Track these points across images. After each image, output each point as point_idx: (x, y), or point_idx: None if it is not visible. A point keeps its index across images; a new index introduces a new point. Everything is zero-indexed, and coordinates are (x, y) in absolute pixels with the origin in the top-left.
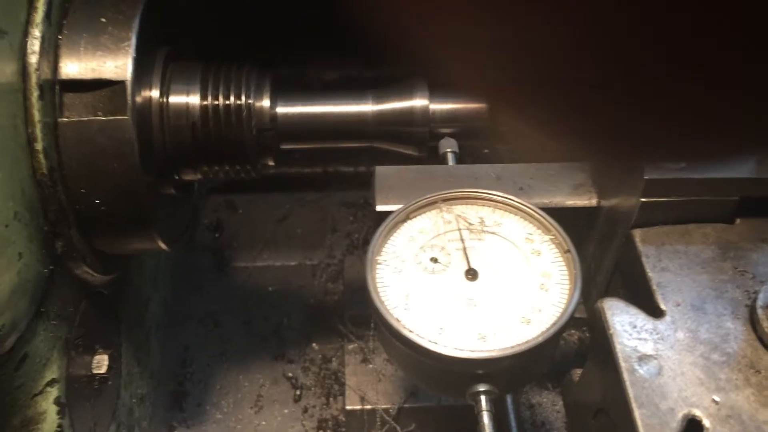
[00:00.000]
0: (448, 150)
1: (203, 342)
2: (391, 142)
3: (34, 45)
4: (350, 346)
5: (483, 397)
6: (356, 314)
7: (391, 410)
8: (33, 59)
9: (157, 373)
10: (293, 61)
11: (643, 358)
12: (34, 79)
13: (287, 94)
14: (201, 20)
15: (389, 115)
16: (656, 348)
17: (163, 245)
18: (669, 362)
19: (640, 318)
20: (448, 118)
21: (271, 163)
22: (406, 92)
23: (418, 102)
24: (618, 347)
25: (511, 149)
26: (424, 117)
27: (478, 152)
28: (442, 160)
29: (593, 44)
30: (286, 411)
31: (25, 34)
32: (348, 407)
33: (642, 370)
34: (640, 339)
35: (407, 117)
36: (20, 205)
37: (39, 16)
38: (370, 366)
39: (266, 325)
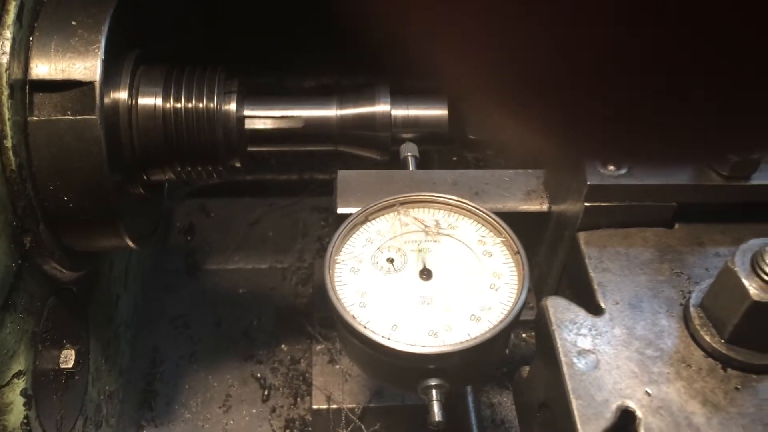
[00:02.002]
0: (409, 154)
1: (173, 342)
2: (355, 146)
3: (5, 46)
4: (318, 347)
5: (434, 391)
6: (325, 316)
7: (356, 410)
8: (3, 59)
9: (125, 372)
10: (270, 70)
11: (581, 353)
12: (4, 79)
13: (254, 98)
14: (179, 29)
15: (352, 120)
16: (594, 343)
17: (130, 243)
18: (606, 356)
19: (581, 315)
20: (409, 123)
21: (238, 165)
22: (369, 98)
23: (380, 108)
24: (559, 342)
25: (478, 156)
26: (386, 122)
27: (446, 159)
28: (403, 164)
29: (548, 45)
30: (254, 411)
31: None
32: (315, 407)
33: (580, 364)
34: (579, 334)
35: (369, 122)
36: None
37: (10, 18)
38: (337, 366)
39: (236, 326)
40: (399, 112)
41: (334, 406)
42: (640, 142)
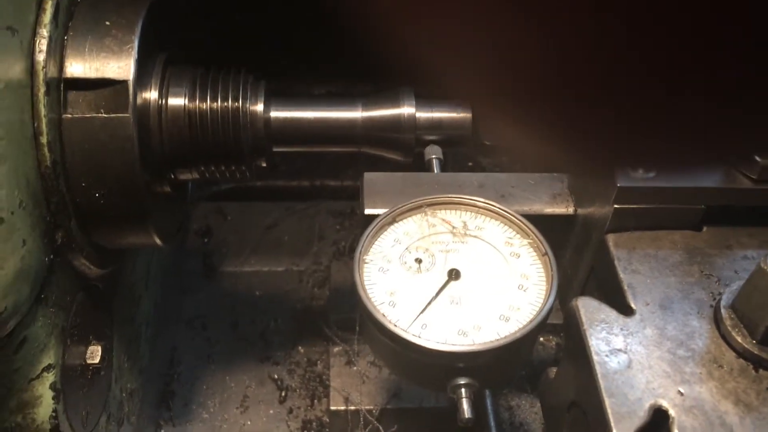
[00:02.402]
0: (433, 156)
1: (191, 343)
2: (379, 147)
3: (42, 44)
4: (335, 349)
5: (463, 390)
6: (342, 318)
7: (374, 411)
8: (41, 58)
9: (145, 371)
10: (282, 76)
11: (613, 352)
12: (41, 77)
13: (280, 99)
14: (193, 35)
15: (377, 122)
16: (626, 343)
17: (158, 240)
18: (638, 356)
19: (612, 315)
20: (433, 125)
21: (264, 165)
22: (394, 100)
23: (405, 110)
24: (591, 341)
25: (494, 162)
26: (410, 124)
27: (462, 165)
28: (427, 166)
29: (570, 53)
30: (271, 411)
31: (34, 33)
32: (332, 408)
33: (612, 363)
34: (611, 334)
35: (394, 124)
36: (25, 195)
37: (47, 17)
38: (354, 368)
39: (253, 328)
40: (423, 114)
41: (352, 408)
42: (661, 146)
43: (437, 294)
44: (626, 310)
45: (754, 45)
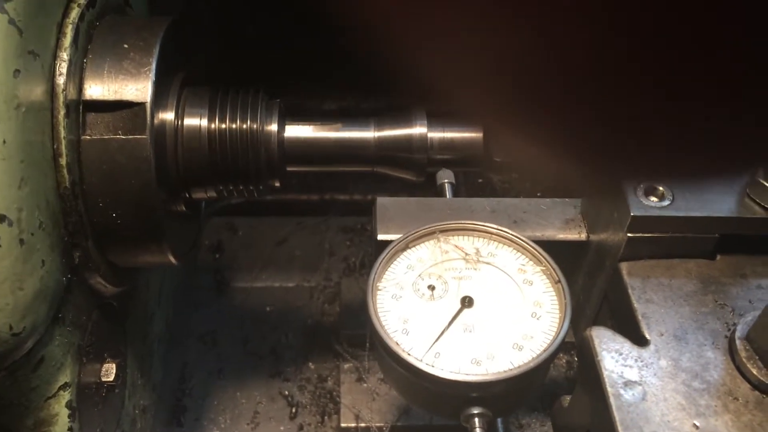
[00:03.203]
0: (446, 181)
1: (202, 359)
2: (392, 167)
3: (63, 67)
4: (346, 366)
5: (477, 420)
6: (352, 334)
7: (384, 428)
8: (61, 80)
9: (158, 387)
10: (292, 93)
11: (628, 384)
12: (61, 99)
13: (294, 119)
14: (202, 54)
15: (389, 142)
16: (641, 374)
17: (172, 259)
18: (652, 388)
19: (626, 346)
20: (445, 146)
21: (277, 184)
22: (406, 120)
23: (417, 130)
24: (605, 373)
25: (504, 179)
26: (422, 144)
27: (472, 181)
28: (439, 190)
29: (575, 66)
30: (282, 428)
31: (54, 57)
32: (343, 425)
33: (627, 395)
34: (625, 366)
35: (406, 144)
36: (45, 216)
37: (67, 40)
38: (365, 385)
39: (264, 344)
40: (435, 135)
41: (363, 425)
42: (672, 158)
43: (450, 322)
44: (640, 341)
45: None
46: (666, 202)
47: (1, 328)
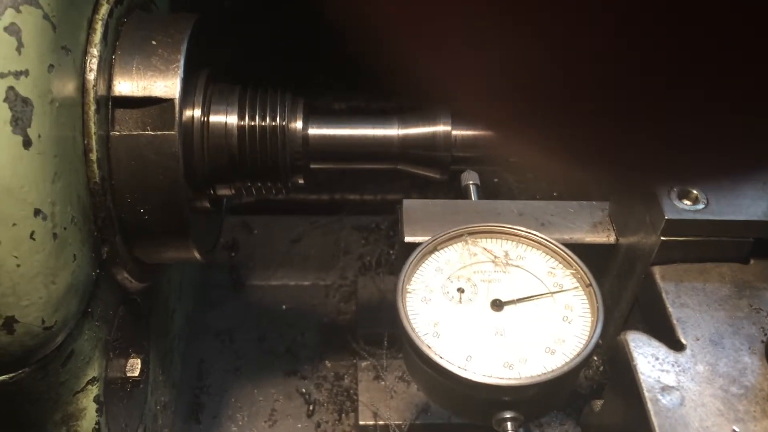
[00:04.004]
0: (470, 182)
1: (219, 356)
2: (415, 165)
3: (93, 63)
4: (363, 364)
5: (509, 424)
6: (369, 333)
7: (403, 426)
8: (91, 76)
9: (178, 384)
10: (301, 92)
11: (665, 389)
12: (92, 95)
13: (318, 117)
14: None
15: (413, 140)
16: (678, 380)
17: (197, 255)
18: (690, 393)
19: (662, 351)
20: (469, 144)
21: (301, 181)
22: (430, 118)
23: (441, 128)
24: (642, 378)
25: (520, 179)
26: (446, 142)
27: (487, 181)
28: (464, 192)
29: (599, 72)
30: (299, 425)
31: (85, 53)
32: (361, 422)
33: (665, 401)
34: (662, 371)
35: (430, 141)
36: (76, 211)
37: (97, 36)
38: (382, 383)
39: (280, 342)
40: (459, 132)
41: (381, 422)
42: (702, 159)
43: (481, 325)
44: (676, 345)
45: None
46: (700, 206)
47: (33, 322)
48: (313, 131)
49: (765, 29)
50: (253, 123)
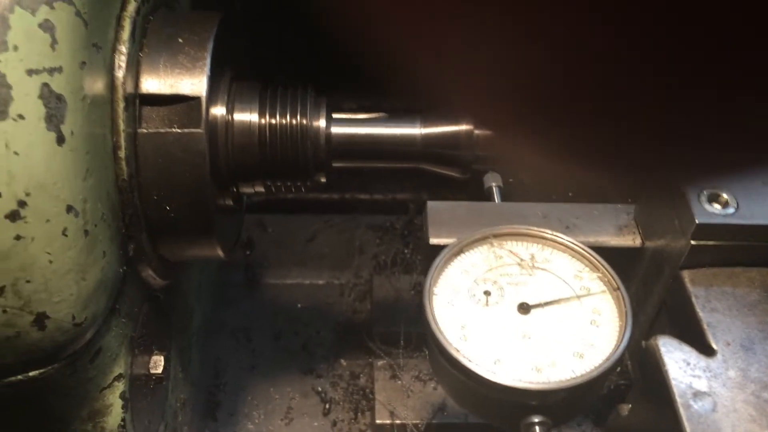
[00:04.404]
0: (493, 184)
1: (235, 354)
2: (437, 164)
3: (122, 60)
4: (379, 363)
5: (537, 428)
6: (385, 332)
7: (420, 425)
8: (120, 74)
9: (196, 381)
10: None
11: (697, 395)
12: (120, 92)
13: (340, 116)
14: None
15: (436, 139)
16: (710, 385)
17: (221, 253)
18: (722, 399)
19: (693, 356)
20: (491, 143)
21: (323, 179)
22: (452, 117)
23: (464, 127)
24: (673, 383)
25: (536, 179)
26: (469, 141)
27: (503, 180)
28: (487, 194)
29: (609, 72)
30: (315, 424)
31: (114, 50)
32: (378, 421)
33: (697, 406)
34: (694, 376)
35: (453, 141)
36: (106, 207)
37: (126, 34)
38: (399, 382)
39: (296, 340)
40: (481, 132)
41: (398, 422)
42: (728, 156)
43: (508, 328)
44: (707, 350)
45: None
46: (731, 210)
47: (64, 318)
48: (336, 130)
49: None
50: (276, 121)
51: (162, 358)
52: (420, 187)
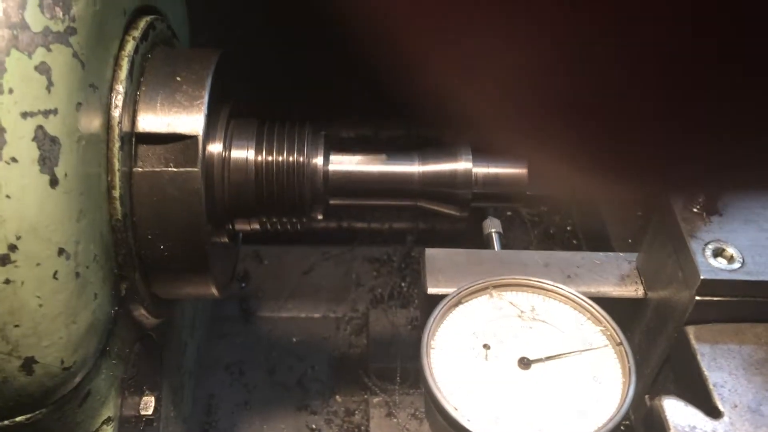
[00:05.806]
0: (493, 231)
1: (228, 390)
2: (435, 202)
3: (118, 100)
4: (375, 399)
5: None
6: (381, 368)
7: None
8: (116, 113)
9: (188, 419)
10: (309, 121)
11: None
12: (116, 132)
13: (338, 153)
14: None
15: (434, 177)
16: None
17: (215, 291)
18: None
19: (699, 418)
20: (490, 181)
21: (320, 216)
22: (451, 155)
23: (462, 165)
24: None
25: (533, 212)
26: (467, 180)
27: (499, 214)
28: (486, 241)
29: (615, 82)
30: None
31: (111, 89)
32: None
33: None
34: None
35: (451, 179)
36: (99, 249)
37: (123, 73)
38: (395, 420)
39: (290, 375)
40: (480, 170)
41: None
42: (716, 170)
43: (509, 384)
44: (713, 412)
45: None
46: (736, 265)
47: (53, 363)
48: (334, 167)
49: None
50: (273, 158)
51: (153, 398)
52: (417, 216)
